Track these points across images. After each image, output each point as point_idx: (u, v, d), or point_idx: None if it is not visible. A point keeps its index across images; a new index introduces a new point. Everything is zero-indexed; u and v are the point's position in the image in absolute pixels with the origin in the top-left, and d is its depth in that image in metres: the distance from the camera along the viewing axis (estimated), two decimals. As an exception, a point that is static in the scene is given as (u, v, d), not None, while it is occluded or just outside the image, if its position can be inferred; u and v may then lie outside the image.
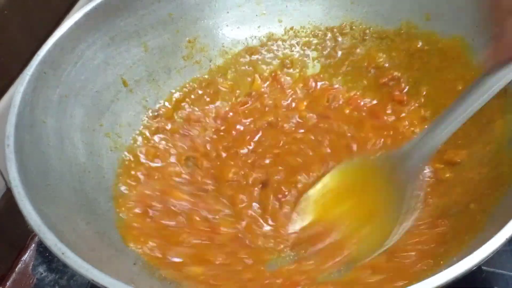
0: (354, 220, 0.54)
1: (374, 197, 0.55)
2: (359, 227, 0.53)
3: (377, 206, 0.54)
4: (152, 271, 0.48)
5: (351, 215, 0.54)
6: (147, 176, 0.60)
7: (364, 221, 0.53)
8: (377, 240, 0.51)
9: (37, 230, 0.42)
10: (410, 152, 0.52)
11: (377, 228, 0.52)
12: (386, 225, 0.51)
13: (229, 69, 0.70)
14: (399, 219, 0.51)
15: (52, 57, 0.55)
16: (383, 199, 0.54)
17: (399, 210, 0.51)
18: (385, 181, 0.54)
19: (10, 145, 0.47)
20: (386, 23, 0.67)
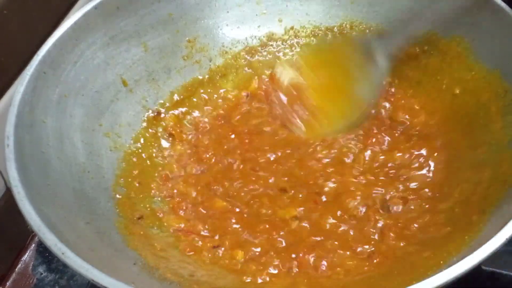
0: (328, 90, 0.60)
1: (348, 71, 0.60)
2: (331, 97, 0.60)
3: (350, 80, 0.60)
4: (152, 271, 0.48)
5: (326, 85, 0.60)
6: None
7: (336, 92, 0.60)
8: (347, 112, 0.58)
9: (37, 230, 0.42)
10: (385, 38, 0.59)
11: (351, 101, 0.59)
12: (359, 99, 0.58)
13: (229, 69, 0.70)
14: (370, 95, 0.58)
15: (51, 57, 0.55)
16: (355, 74, 0.59)
17: (371, 89, 0.58)
18: (358, 63, 0.59)
19: (9, 145, 0.47)
20: (386, 23, 0.67)
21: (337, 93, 0.60)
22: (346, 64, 0.60)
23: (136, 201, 0.58)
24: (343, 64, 0.61)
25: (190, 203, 0.59)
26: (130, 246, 0.51)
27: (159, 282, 0.47)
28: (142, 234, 0.54)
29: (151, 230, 0.55)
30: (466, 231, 0.46)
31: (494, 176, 0.51)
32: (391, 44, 0.59)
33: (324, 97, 0.60)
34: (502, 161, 0.51)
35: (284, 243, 0.54)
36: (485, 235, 0.41)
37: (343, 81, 0.60)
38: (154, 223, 0.56)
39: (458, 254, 0.42)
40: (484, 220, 0.46)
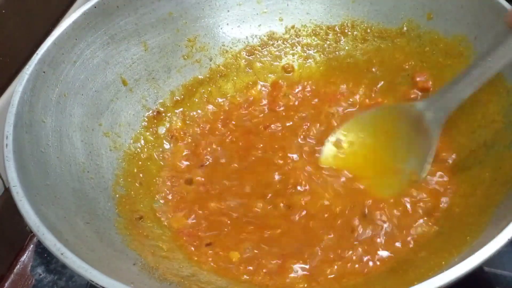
0: (378, 166, 0.58)
1: (397, 144, 0.58)
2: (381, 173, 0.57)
3: (400, 154, 0.57)
4: (152, 272, 0.48)
5: (375, 161, 0.58)
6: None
7: (387, 168, 0.57)
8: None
9: (36, 231, 0.41)
10: (435, 102, 0.56)
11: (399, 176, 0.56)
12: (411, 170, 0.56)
13: (230, 68, 0.69)
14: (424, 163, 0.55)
15: (51, 56, 0.55)
16: (404, 148, 0.57)
17: (423, 158, 0.55)
18: (407, 131, 0.57)
19: (8, 145, 0.47)
20: (387, 22, 0.66)
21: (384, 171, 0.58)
22: (394, 137, 0.59)
23: (136, 201, 0.58)
24: (391, 137, 0.59)
25: (190, 203, 0.59)
26: (129, 247, 0.51)
27: (158, 282, 0.47)
28: (142, 234, 0.54)
29: (151, 230, 0.55)
30: (468, 231, 0.45)
31: (495, 176, 0.50)
32: (441, 109, 0.56)
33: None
34: (503, 162, 0.51)
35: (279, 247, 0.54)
36: (486, 235, 0.41)
37: (391, 155, 0.58)
38: (154, 223, 0.56)
39: (460, 255, 0.42)
40: (485, 220, 0.46)
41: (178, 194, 0.60)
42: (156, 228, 0.56)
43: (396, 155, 0.57)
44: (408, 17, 0.65)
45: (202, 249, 0.54)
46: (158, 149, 0.64)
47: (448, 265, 0.37)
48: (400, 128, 0.58)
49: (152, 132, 0.64)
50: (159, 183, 0.61)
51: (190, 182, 0.61)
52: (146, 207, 0.58)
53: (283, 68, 0.70)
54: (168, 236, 0.55)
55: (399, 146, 0.58)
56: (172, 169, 0.62)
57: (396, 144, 0.58)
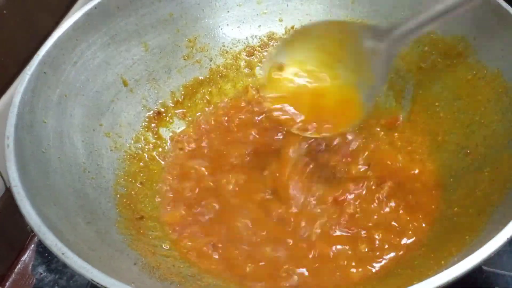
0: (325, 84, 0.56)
1: (345, 62, 0.56)
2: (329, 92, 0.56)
3: (347, 73, 0.55)
4: (153, 271, 0.48)
5: (322, 78, 0.56)
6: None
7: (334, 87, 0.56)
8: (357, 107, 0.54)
9: (37, 230, 0.42)
10: (395, 27, 0.53)
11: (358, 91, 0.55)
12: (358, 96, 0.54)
13: (230, 68, 0.70)
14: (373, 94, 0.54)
15: (52, 57, 0.55)
16: (353, 67, 0.55)
17: (373, 84, 0.54)
18: (358, 49, 0.55)
19: (10, 145, 0.47)
20: (387, 22, 0.66)
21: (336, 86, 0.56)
22: (344, 54, 0.56)
23: (137, 201, 0.58)
24: (341, 53, 0.56)
25: (190, 203, 0.59)
26: (130, 246, 0.51)
27: (159, 282, 0.47)
28: (143, 234, 0.54)
29: (151, 230, 0.55)
30: (467, 231, 0.46)
31: (494, 176, 0.51)
32: (397, 36, 0.54)
33: (321, 94, 0.56)
34: (502, 161, 0.51)
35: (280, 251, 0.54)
36: (485, 235, 0.41)
37: (341, 71, 0.56)
38: (155, 223, 0.56)
39: (459, 254, 0.42)
40: (484, 220, 0.46)
41: (178, 194, 0.60)
42: (157, 228, 0.56)
43: (345, 75, 0.56)
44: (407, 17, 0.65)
45: (203, 249, 0.54)
46: (158, 149, 0.64)
47: (448, 265, 0.38)
48: (351, 48, 0.56)
49: (152, 132, 0.64)
50: (160, 183, 0.61)
51: (191, 182, 0.61)
52: (147, 207, 0.58)
53: None
54: (168, 236, 0.55)
55: (348, 66, 0.56)
56: (172, 169, 0.62)
57: (345, 64, 0.56)
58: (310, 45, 0.56)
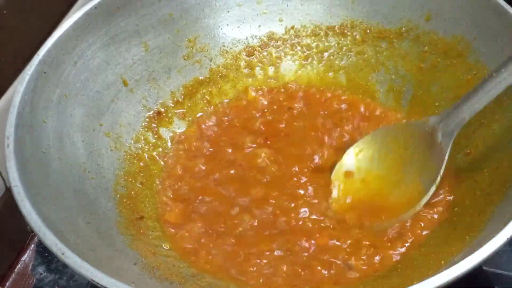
0: (391, 185, 0.57)
1: (407, 162, 0.57)
2: (395, 191, 0.56)
3: (410, 171, 0.57)
4: (153, 271, 0.48)
5: (388, 180, 0.57)
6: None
7: (399, 185, 0.57)
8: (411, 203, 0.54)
9: (37, 230, 0.41)
10: (446, 118, 0.54)
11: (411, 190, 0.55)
12: (420, 188, 0.55)
13: (230, 68, 0.70)
14: (436, 179, 0.54)
15: (51, 57, 0.55)
16: (416, 164, 0.57)
17: (435, 174, 0.54)
18: (419, 147, 0.57)
19: (10, 145, 0.47)
20: (387, 23, 0.66)
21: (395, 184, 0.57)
22: (405, 153, 0.58)
23: (137, 201, 0.58)
24: (402, 153, 0.58)
25: (191, 203, 0.59)
26: (130, 246, 0.51)
27: (159, 282, 0.47)
28: (143, 234, 0.54)
29: (151, 230, 0.55)
30: (467, 231, 0.46)
31: (494, 176, 0.51)
32: (454, 123, 0.54)
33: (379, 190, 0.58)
34: (502, 161, 0.51)
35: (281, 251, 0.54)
36: (486, 235, 0.41)
37: (405, 169, 0.58)
38: (155, 223, 0.56)
39: (459, 254, 0.42)
40: (484, 220, 0.46)
41: (179, 194, 0.60)
42: (157, 228, 0.56)
43: (410, 173, 0.57)
44: (407, 18, 0.65)
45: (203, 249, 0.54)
46: (158, 149, 0.64)
47: (448, 265, 0.38)
48: (414, 146, 0.58)
49: (152, 132, 0.64)
50: (160, 183, 0.61)
51: (191, 182, 0.61)
52: (147, 207, 0.58)
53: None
54: (169, 236, 0.55)
55: (412, 164, 0.57)
56: (173, 169, 0.62)
57: (409, 163, 0.57)
58: (377, 153, 0.60)
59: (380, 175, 0.58)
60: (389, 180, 0.58)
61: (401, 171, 0.57)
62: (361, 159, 0.60)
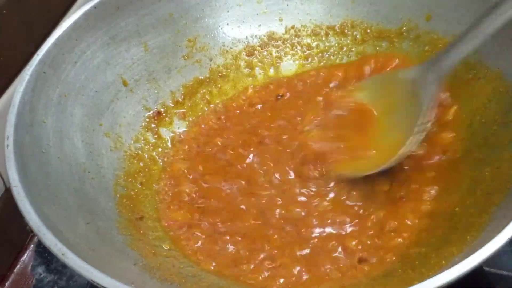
0: (376, 130, 0.58)
1: (395, 109, 0.58)
2: (379, 136, 0.57)
3: (396, 117, 0.58)
4: (153, 272, 0.48)
5: (374, 125, 0.58)
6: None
7: (384, 131, 0.57)
8: (393, 148, 0.54)
9: (37, 231, 0.41)
10: (430, 65, 0.55)
11: (395, 136, 0.56)
12: (402, 134, 0.55)
13: (230, 68, 0.69)
14: (413, 130, 0.54)
15: (51, 57, 0.55)
16: (402, 110, 0.57)
17: (415, 119, 0.54)
18: (406, 93, 0.57)
19: (9, 145, 0.47)
20: (387, 22, 0.67)
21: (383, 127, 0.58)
22: (392, 100, 0.59)
23: (137, 201, 0.58)
24: (389, 100, 0.59)
25: (191, 203, 0.59)
26: (130, 246, 0.51)
27: (159, 282, 0.47)
28: (143, 234, 0.54)
29: (151, 231, 0.55)
30: (468, 231, 0.45)
31: (495, 176, 0.50)
32: (435, 72, 0.55)
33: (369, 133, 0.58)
34: (502, 161, 0.51)
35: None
36: (486, 235, 0.41)
37: (389, 116, 0.58)
38: (155, 224, 0.56)
39: (460, 254, 0.42)
40: (485, 220, 0.46)
41: (178, 195, 0.60)
42: (157, 228, 0.56)
43: (393, 124, 0.58)
44: (407, 17, 0.65)
45: (203, 249, 0.54)
46: (158, 149, 0.64)
47: (449, 265, 0.37)
48: (398, 95, 0.58)
49: (152, 132, 0.64)
50: (160, 183, 0.61)
51: (191, 182, 0.61)
52: (147, 207, 0.58)
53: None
54: (169, 236, 0.55)
55: (396, 113, 0.58)
56: (172, 169, 0.62)
57: (394, 112, 0.58)
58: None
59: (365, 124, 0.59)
60: (373, 127, 0.58)
61: (385, 120, 0.58)
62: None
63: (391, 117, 0.58)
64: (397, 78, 0.60)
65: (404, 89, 0.57)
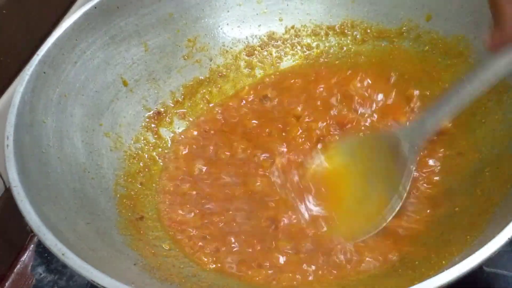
0: (354, 198, 0.56)
1: (373, 173, 0.57)
2: (358, 203, 0.55)
3: (375, 182, 0.56)
4: (153, 272, 0.48)
5: (350, 193, 0.56)
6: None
7: (363, 198, 0.56)
8: (374, 217, 0.53)
9: (37, 231, 0.41)
10: (412, 130, 0.54)
11: (375, 203, 0.54)
12: (383, 200, 0.53)
13: (230, 68, 0.69)
14: (394, 196, 0.53)
15: (51, 57, 0.55)
16: (381, 175, 0.56)
17: (397, 185, 0.53)
18: (385, 158, 0.56)
19: (9, 146, 0.47)
20: (387, 22, 0.67)
21: (361, 193, 0.56)
22: (374, 163, 0.57)
23: (137, 201, 0.58)
24: (370, 163, 0.58)
25: (191, 203, 0.59)
26: (130, 247, 0.51)
27: (159, 282, 0.47)
28: (143, 234, 0.54)
29: (151, 231, 0.55)
30: (468, 231, 0.45)
31: (495, 175, 0.50)
32: (418, 135, 0.54)
33: (345, 196, 0.57)
34: (502, 161, 0.51)
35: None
36: (486, 235, 0.41)
37: (372, 179, 0.56)
38: (155, 224, 0.56)
39: (460, 254, 0.42)
40: (485, 220, 0.46)
41: (178, 195, 0.60)
42: (157, 228, 0.56)
43: (374, 185, 0.56)
44: (407, 17, 0.65)
45: (203, 249, 0.54)
46: (158, 149, 0.64)
47: (448, 265, 0.37)
48: (379, 158, 0.57)
49: (152, 132, 0.64)
50: (160, 183, 0.61)
51: (191, 182, 0.61)
52: (147, 207, 0.58)
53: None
54: (169, 236, 0.55)
55: (378, 176, 0.56)
56: (172, 169, 0.62)
57: (375, 175, 0.56)
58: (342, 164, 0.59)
59: (345, 187, 0.57)
60: (354, 192, 0.57)
61: (365, 183, 0.56)
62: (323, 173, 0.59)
63: (372, 178, 0.56)
64: (379, 138, 0.59)
65: (387, 150, 0.56)
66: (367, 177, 0.57)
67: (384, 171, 0.56)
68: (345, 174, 0.58)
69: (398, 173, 0.54)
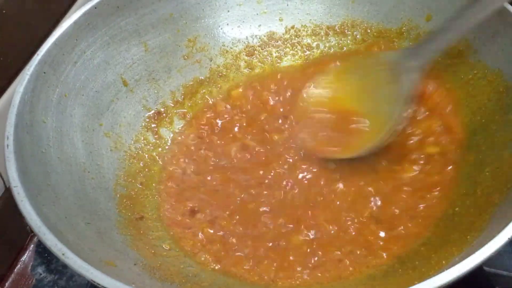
0: (356, 112, 0.58)
1: (375, 92, 0.58)
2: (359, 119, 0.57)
3: (376, 101, 0.58)
4: (153, 272, 0.48)
5: (353, 108, 0.58)
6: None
7: (364, 114, 0.57)
8: (373, 134, 0.55)
9: (37, 231, 0.41)
10: (413, 51, 0.56)
11: (375, 121, 0.56)
12: (382, 119, 0.55)
13: (230, 68, 0.69)
14: (393, 116, 0.55)
15: (51, 57, 0.55)
16: (382, 94, 0.57)
17: (397, 105, 0.55)
18: (386, 76, 0.57)
19: (9, 146, 0.47)
20: (387, 22, 0.67)
21: (363, 112, 0.58)
22: (372, 82, 0.59)
23: (137, 201, 0.58)
24: (370, 82, 0.59)
25: (192, 203, 0.59)
26: (130, 247, 0.51)
27: (160, 282, 0.47)
28: (143, 234, 0.54)
29: (152, 231, 0.55)
30: (468, 231, 0.46)
31: (495, 175, 0.50)
32: (418, 59, 0.55)
33: (350, 115, 0.58)
34: (502, 161, 0.51)
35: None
36: (487, 235, 0.41)
37: (369, 99, 0.58)
38: (155, 224, 0.56)
39: (460, 254, 0.42)
40: (485, 220, 0.46)
41: (178, 195, 0.60)
42: (157, 228, 0.56)
43: (373, 109, 0.58)
44: (407, 17, 0.65)
45: (203, 249, 0.54)
46: (158, 149, 0.64)
47: (449, 265, 0.37)
48: (377, 79, 0.59)
49: (152, 132, 0.64)
50: (160, 183, 0.61)
51: (191, 182, 0.61)
52: (147, 207, 0.58)
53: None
54: (169, 236, 0.55)
55: (375, 99, 0.58)
56: (173, 169, 0.62)
57: (371, 98, 0.58)
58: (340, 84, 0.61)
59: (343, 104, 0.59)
60: (350, 110, 0.59)
61: (364, 104, 0.58)
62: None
63: (370, 101, 0.58)
64: (378, 60, 0.60)
65: (385, 72, 0.57)
66: (364, 101, 0.58)
67: (381, 94, 0.57)
68: (348, 95, 0.60)
69: (395, 98, 0.55)
